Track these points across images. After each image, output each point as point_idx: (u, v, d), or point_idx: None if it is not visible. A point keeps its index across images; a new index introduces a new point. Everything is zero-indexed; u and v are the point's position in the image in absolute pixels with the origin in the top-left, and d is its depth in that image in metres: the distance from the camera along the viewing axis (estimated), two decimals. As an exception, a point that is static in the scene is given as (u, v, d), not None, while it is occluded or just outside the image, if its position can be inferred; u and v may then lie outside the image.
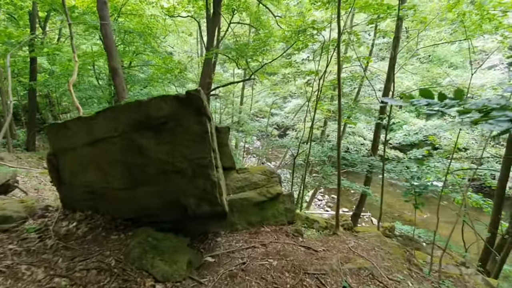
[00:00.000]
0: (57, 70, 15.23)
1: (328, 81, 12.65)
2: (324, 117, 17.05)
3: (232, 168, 4.59)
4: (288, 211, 4.67)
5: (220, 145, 4.27)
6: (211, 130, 3.23)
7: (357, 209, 12.18)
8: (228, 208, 3.92)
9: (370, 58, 11.08)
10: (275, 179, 4.73)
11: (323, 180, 13.99)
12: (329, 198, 17.86)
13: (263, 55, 12.84)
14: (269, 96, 21.87)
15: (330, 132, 18.29)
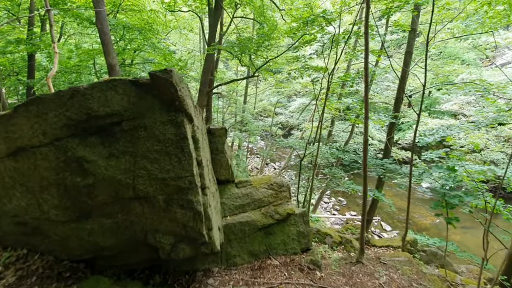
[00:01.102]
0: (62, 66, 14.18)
1: (336, 77, 11.45)
2: (332, 117, 15.84)
3: (229, 181, 3.45)
4: (301, 235, 3.51)
5: (214, 152, 3.14)
6: (195, 134, 2.09)
7: (368, 215, 10.94)
8: (223, 236, 2.78)
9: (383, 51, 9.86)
10: (284, 193, 3.58)
11: (330, 183, 12.82)
12: (336, 201, 16.66)
13: (267, 51, 11.70)
14: (274, 95, 20.64)
15: (338, 133, 17.07)
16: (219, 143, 3.20)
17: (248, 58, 12.15)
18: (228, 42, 13.08)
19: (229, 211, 3.26)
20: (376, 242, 7.06)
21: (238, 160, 17.18)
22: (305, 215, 3.65)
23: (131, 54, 15.46)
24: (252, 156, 20.25)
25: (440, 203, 5.71)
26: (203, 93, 12.14)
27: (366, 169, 3.71)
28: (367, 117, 3.66)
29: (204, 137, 2.66)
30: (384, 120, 11.40)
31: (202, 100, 12.20)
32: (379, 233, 13.66)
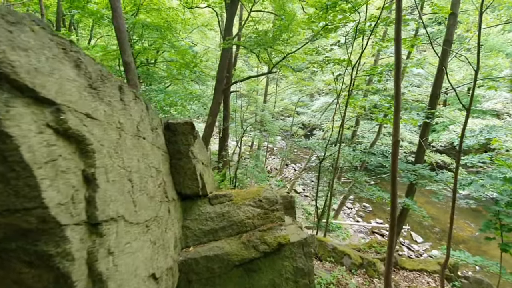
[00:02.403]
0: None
1: (362, 71, 10.06)
2: (356, 115, 14.33)
3: (199, 196, 2.46)
4: (300, 273, 2.44)
5: (175, 156, 2.16)
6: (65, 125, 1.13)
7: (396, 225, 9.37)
8: (175, 279, 1.80)
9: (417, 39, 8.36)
10: (277, 213, 2.52)
11: (353, 188, 11.42)
12: (360, 207, 15.10)
13: (285, 45, 10.63)
14: (295, 94, 19.38)
15: (363, 133, 15.48)
16: (183, 143, 2.24)
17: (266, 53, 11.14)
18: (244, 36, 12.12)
19: (194, 238, 2.29)
20: (406, 264, 5.72)
21: (257, 161, 16.22)
22: (306, 244, 2.56)
23: (153, 53, 15.12)
24: (272, 157, 19.19)
25: (492, 224, 4.32)
26: (219, 91, 11.31)
27: (396, 178, 2.56)
28: (398, 113, 2.51)
29: (146, 132, 1.69)
30: (417, 119, 9.82)
31: (218, 98, 11.36)
32: (408, 245, 11.99)
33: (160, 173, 1.96)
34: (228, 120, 13.49)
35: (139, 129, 1.71)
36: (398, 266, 5.64)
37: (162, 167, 2.04)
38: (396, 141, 2.54)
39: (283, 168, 17.29)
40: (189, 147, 2.27)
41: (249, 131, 17.12)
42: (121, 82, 1.61)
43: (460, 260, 6.95)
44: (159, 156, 2.00)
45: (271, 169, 17.54)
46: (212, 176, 2.90)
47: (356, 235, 13.10)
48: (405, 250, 11.76)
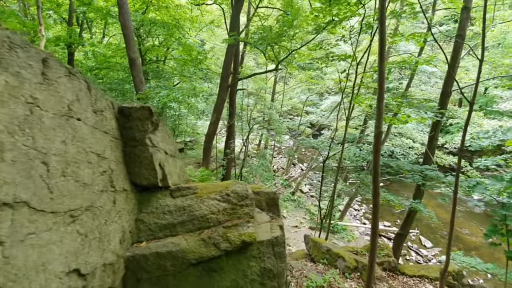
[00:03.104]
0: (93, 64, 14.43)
1: (369, 68, 9.61)
2: (365, 114, 13.84)
3: (160, 188, 2.26)
4: (267, 275, 2.20)
5: (130, 144, 1.98)
6: None
7: (403, 229, 8.98)
8: (118, 276, 1.61)
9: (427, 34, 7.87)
10: (246, 209, 2.29)
11: (359, 189, 10.99)
12: (367, 208, 14.57)
13: (290, 41, 10.33)
14: (304, 93, 18.99)
15: (372, 133, 14.94)
16: (138, 130, 2.05)
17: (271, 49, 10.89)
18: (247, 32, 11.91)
19: (149, 233, 2.09)
20: (406, 269, 5.33)
21: (263, 160, 15.97)
22: (277, 243, 2.32)
23: (163, 51, 15.20)
24: (279, 156, 18.89)
25: (497, 229, 3.91)
26: (224, 88, 11.15)
27: (378, 174, 2.28)
28: (381, 101, 2.22)
29: (83, 114, 1.51)
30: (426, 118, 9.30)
31: (223, 95, 11.20)
32: (416, 249, 11.42)
33: (104, 160, 1.78)
34: (233, 117, 13.31)
35: (72, 109, 1.53)
36: (398, 271, 5.26)
37: (110, 154, 1.86)
38: (379, 133, 2.25)
39: (290, 167, 16.97)
40: (145, 134, 2.07)
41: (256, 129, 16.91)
42: (47, 55, 1.43)
43: (470, 267, 6.49)
44: (105, 141, 1.82)
45: (277, 168, 17.25)
46: (180, 168, 2.71)
47: (362, 238, 12.63)
48: (413, 255, 11.21)
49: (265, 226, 2.71)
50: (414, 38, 8.03)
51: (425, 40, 9.39)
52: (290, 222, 13.12)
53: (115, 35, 18.33)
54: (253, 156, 17.68)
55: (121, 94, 13.95)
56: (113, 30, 17.78)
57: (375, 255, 2.50)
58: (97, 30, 18.86)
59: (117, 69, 14.35)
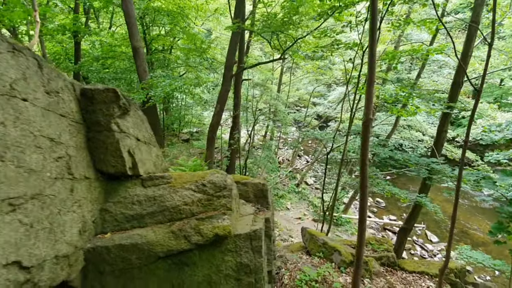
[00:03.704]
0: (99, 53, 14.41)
1: (382, 56, 9.10)
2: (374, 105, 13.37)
3: (129, 176, 2.12)
4: (244, 270, 2.06)
5: (94, 128, 1.84)
6: None
7: (407, 223, 8.71)
8: (75, 269, 1.49)
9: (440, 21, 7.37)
10: (223, 201, 2.13)
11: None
12: (373, 202, 14.27)
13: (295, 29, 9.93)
14: (311, 84, 18.52)
15: (379, 125, 14.48)
16: (103, 114, 1.89)
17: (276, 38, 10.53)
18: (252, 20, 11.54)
19: (114, 224, 1.96)
20: (406, 265, 5.12)
21: (268, 151, 15.79)
22: (256, 237, 2.16)
23: (170, 40, 15.04)
24: (285, 147, 18.66)
25: (503, 227, 3.64)
26: (227, 78, 10.91)
27: (366, 165, 2.07)
28: (371, 85, 1.99)
29: (32, 94, 1.36)
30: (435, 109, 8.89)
31: (227, 85, 10.97)
32: (422, 244, 11.13)
33: (60, 145, 1.64)
34: (238, 108, 13.10)
35: (15, 88, 1.38)
36: (397, 266, 5.06)
37: (68, 139, 1.72)
38: (368, 120, 2.03)
39: (295, 159, 16.75)
40: (111, 119, 1.92)
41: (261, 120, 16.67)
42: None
43: (476, 263, 6.22)
44: (62, 125, 1.68)
45: (282, 160, 17.06)
46: (157, 156, 2.56)
47: (366, 231, 12.41)
48: (418, 250, 10.94)
49: (248, 219, 2.55)
50: (425, 24, 7.56)
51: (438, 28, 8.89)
52: (294, 214, 13.00)
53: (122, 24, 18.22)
54: (259, 148, 17.51)
55: (127, 83, 13.93)
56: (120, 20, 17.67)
57: (362, 250, 2.32)
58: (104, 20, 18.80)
59: (122, 58, 14.28)
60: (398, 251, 8.47)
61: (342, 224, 12.45)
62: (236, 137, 12.45)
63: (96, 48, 15.27)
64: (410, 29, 15.22)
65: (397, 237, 8.95)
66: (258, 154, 16.19)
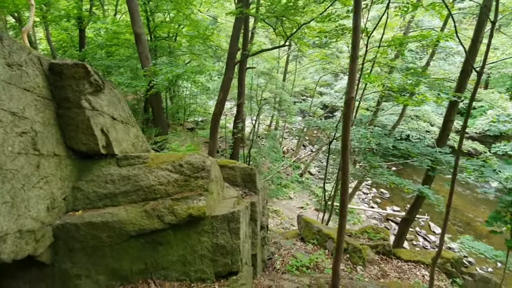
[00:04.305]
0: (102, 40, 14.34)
1: (384, 42, 8.75)
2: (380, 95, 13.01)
3: (103, 155, 2.08)
4: (220, 251, 2.02)
5: (63, 105, 1.79)
6: None
7: (409, 214, 8.58)
8: (43, 244, 1.48)
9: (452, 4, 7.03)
10: (200, 181, 2.08)
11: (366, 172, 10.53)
12: (377, 192, 14.10)
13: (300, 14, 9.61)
14: (318, 73, 18.13)
15: (386, 115, 14.14)
16: (72, 90, 1.84)
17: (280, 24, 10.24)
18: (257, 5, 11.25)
19: (86, 202, 1.94)
20: (402, 254, 5.04)
21: (273, 141, 15.67)
22: (233, 219, 2.11)
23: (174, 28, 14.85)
24: (290, 137, 18.51)
25: (500, 216, 3.50)
26: (231, 66, 10.73)
27: (347, 148, 1.97)
28: (355, 63, 1.87)
29: None
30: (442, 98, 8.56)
31: (229, 73, 10.80)
32: (425, 235, 10.99)
33: (24, 120, 1.61)
34: (242, 97, 12.95)
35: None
36: (392, 255, 4.98)
37: (34, 114, 1.68)
38: (350, 99, 1.91)
39: (300, 149, 16.61)
40: (81, 95, 1.87)
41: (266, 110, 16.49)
42: None
43: (478, 253, 6.09)
44: (26, 100, 1.63)
45: (287, 149, 16.94)
46: (136, 137, 2.51)
47: (368, 221, 12.31)
48: (420, 240, 10.81)
49: (230, 202, 2.51)
50: (435, 8, 7.22)
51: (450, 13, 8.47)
52: (296, 203, 12.99)
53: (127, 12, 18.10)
54: (263, 137, 17.42)
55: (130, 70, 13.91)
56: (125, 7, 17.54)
57: (342, 237, 2.24)
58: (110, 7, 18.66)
59: (126, 46, 14.23)
60: (399, 241, 8.38)
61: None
62: (240, 126, 12.37)
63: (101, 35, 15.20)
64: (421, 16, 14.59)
65: (399, 228, 8.84)
66: (262, 144, 16.11)
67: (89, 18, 12.54)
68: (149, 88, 9.58)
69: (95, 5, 15.45)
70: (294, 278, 3.32)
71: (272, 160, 15.43)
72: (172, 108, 16.69)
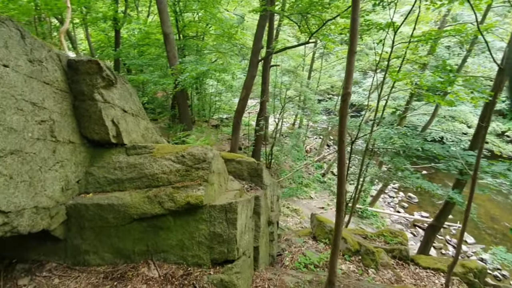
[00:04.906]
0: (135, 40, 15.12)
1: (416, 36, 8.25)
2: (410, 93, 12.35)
3: (114, 144, 2.28)
4: (217, 239, 2.14)
5: (79, 98, 2.01)
6: None
7: (437, 220, 8.17)
8: (57, 221, 1.71)
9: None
10: (200, 172, 2.21)
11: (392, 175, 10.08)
12: (405, 197, 13.45)
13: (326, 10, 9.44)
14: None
15: (417, 115, 13.41)
16: (86, 84, 2.04)
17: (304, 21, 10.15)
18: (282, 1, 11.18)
19: (97, 186, 2.14)
20: (421, 260, 4.82)
21: (296, 140, 15.56)
22: (231, 209, 2.21)
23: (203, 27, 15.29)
24: (313, 137, 18.24)
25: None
26: (254, 63, 10.84)
27: (343, 143, 1.96)
28: (353, 54, 1.86)
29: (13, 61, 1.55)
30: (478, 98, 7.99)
31: (253, 71, 10.92)
32: (455, 244, 10.30)
33: (43, 110, 1.82)
34: (266, 94, 13.01)
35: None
36: (410, 261, 4.77)
37: (53, 105, 1.90)
38: (347, 94, 1.91)
39: (323, 148, 16.32)
40: (94, 89, 2.07)
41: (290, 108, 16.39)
42: None
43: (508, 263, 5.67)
44: (46, 92, 1.85)
45: (310, 148, 16.74)
46: (146, 129, 2.69)
47: (393, 226, 11.80)
48: (450, 250, 10.17)
49: (232, 194, 2.61)
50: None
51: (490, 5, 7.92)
52: (317, 203, 12.81)
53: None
54: (287, 136, 17.35)
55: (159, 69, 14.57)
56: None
57: (339, 232, 2.23)
58: (144, 9, 19.60)
59: (156, 45, 14.89)
60: (424, 249, 7.98)
61: (368, 217, 11.99)
62: (262, 123, 12.45)
63: (135, 36, 16.03)
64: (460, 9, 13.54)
65: (425, 234, 8.42)
66: (285, 142, 16.05)
67: (123, 19, 13.31)
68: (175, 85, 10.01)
69: (130, 6, 16.35)
70: (299, 274, 3.35)
71: (294, 159, 15.33)
72: (198, 105, 17.20)
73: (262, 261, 3.18)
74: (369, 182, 12.10)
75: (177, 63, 10.45)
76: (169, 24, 11.29)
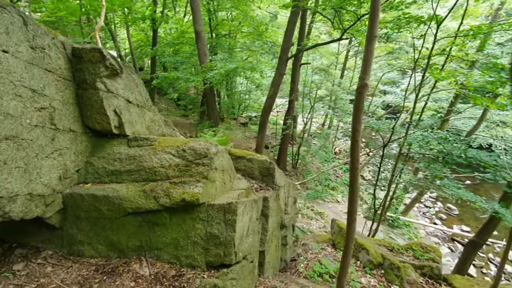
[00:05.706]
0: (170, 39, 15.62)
1: (462, 31, 7.36)
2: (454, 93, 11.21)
3: (116, 135, 2.23)
4: (213, 241, 2.00)
5: (81, 86, 1.99)
6: None
7: (479, 236, 7.33)
8: (52, 209, 1.69)
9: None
10: (201, 168, 2.09)
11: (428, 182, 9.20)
12: (443, 208, 12.29)
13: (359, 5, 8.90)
14: (382, 70, 16.56)
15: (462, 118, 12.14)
16: (89, 72, 1.99)
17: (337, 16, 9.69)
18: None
19: (96, 176, 2.09)
20: (455, 280, 4.25)
21: (325, 140, 15.00)
22: (230, 210, 2.04)
23: (236, 26, 15.38)
24: (344, 138, 17.46)
25: None
26: (283, 61, 10.61)
27: (357, 142, 1.69)
28: (372, 40, 1.58)
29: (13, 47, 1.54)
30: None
31: (281, 68, 10.68)
32: (498, 263, 9.13)
33: (43, 97, 1.81)
34: (295, 93, 12.68)
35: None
36: (441, 280, 4.23)
37: (54, 93, 1.88)
38: (363, 85, 1.63)
39: (354, 150, 15.50)
40: (96, 77, 2.02)
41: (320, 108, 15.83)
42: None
43: None
44: (47, 80, 1.83)
45: (339, 150, 16.04)
46: (152, 121, 2.61)
47: (428, 238, 10.84)
48: (492, 269, 9.07)
49: (235, 193, 2.44)
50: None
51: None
52: (343, 208, 12.20)
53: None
54: (316, 136, 16.80)
55: (192, 66, 14.89)
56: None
57: (351, 242, 1.96)
58: (181, 9, 20.20)
59: (189, 43, 15.25)
60: (462, 266, 7.18)
61: (399, 226, 11.14)
62: (289, 122, 12.14)
63: (171, 35, 16.56)
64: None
65: (464, 251, 7.59)
66: (314, 143, 15.54)
67: (161, 19, 13.79)
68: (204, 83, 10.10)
69: (167, 7, 16.95)
70: (310, 284, 3.09)
71: (322, 160, 14.78)
72: (227, 103, 17.33)
73: (269, 266, 2.98)
74: (403, 189, 11.22)
75: (207, 60, 10.55)
76: (201, 22, 11.42)
